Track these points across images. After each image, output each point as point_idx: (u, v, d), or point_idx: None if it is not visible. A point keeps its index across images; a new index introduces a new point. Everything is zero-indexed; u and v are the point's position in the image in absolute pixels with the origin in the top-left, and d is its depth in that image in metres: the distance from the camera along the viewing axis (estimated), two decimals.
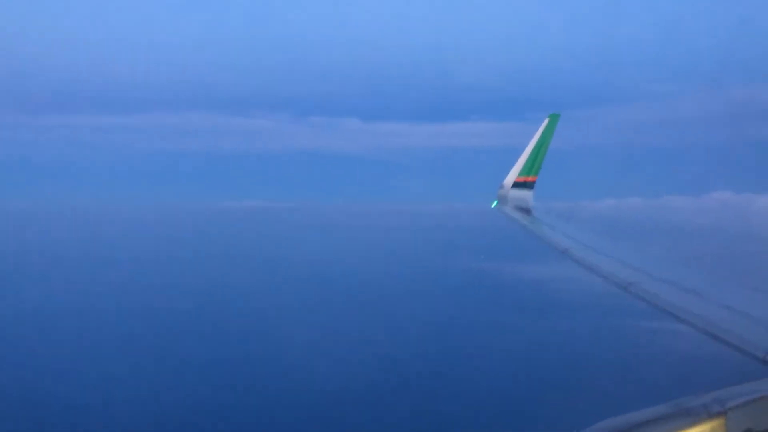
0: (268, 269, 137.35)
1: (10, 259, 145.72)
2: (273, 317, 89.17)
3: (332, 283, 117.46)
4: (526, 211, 21.12)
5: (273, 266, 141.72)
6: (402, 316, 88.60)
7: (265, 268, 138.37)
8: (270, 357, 69.37)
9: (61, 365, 65.22)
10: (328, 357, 67.85)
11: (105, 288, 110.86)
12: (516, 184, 22.50)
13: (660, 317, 9.93)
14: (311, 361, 66.18)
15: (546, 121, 22.38)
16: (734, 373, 6.91)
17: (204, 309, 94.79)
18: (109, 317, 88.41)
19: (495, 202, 22.56)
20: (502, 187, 22.73)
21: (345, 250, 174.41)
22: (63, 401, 55.68)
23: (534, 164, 22.47)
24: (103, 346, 73.04)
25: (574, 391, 53.94)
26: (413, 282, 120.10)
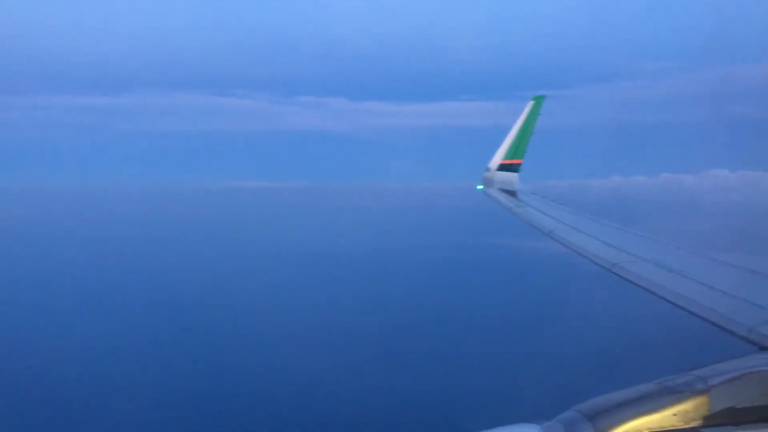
0: (279, 249, 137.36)
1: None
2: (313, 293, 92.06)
3: (339, 262, 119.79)
4: (511, 193, 21.16)
5: (284, 246, 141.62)
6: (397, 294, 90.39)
7: (273, 249, 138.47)
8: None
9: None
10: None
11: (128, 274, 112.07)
12: (501, 167, 22.52)
13: (644, 297, 10.02)
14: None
15: (530, 104, 22.34)
16: (717, 351, 7.00)
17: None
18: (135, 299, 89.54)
19: (481, 185, 22.58)
20: (487, 169, 22.74)
21: (343, 230, 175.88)
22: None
23: (519, 147, 22.47)
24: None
25: (559, 371, 54.36)
26: (401, 261, 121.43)
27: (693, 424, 5.96)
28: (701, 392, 6.00)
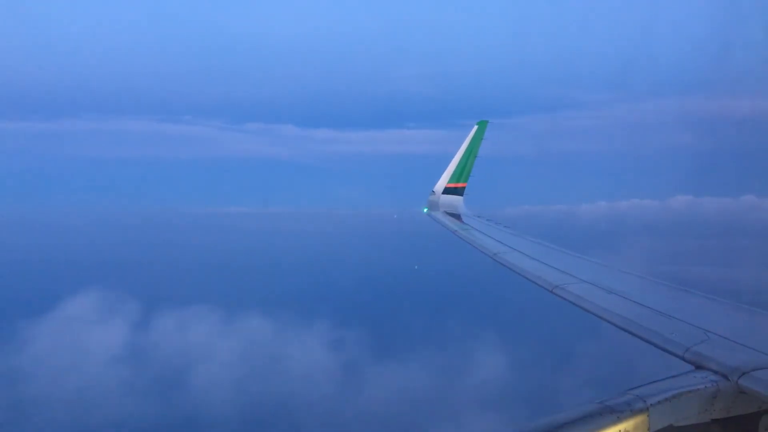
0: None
1: None
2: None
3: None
4: (456, 216, 21.36)
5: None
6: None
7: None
8: None
9: None
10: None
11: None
12: (446, 190, 22.78)
13: (586, 318, 10.16)
14: None
15: (475, 128, 22.70)
16: (656, 370, 7.13)
17: None
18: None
19: (426, 208, 22.78)
20: (433, 193, 22.99)
21: (291, 254, 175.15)
22: None
23: (464, 171, 22.77)
24: None
25: (502, 393, 54.76)
26: (352, 283, 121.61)
27: None
28: (641, 411, 6.08)
